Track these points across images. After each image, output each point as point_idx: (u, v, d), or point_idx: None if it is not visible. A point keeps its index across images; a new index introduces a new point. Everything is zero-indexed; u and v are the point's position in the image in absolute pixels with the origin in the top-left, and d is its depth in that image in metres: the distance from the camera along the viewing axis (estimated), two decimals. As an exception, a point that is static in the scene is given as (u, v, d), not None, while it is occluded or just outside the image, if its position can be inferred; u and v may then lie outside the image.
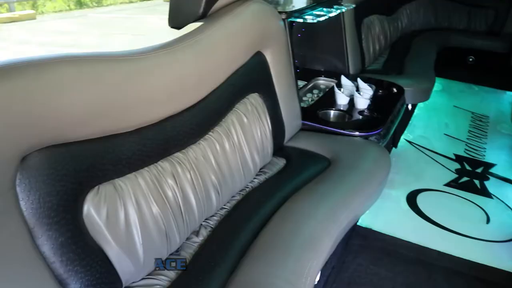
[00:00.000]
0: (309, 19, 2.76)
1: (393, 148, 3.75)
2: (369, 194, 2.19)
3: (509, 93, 4.49)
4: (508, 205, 3.09)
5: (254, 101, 2.24)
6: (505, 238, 2.80)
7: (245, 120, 2.13)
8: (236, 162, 2.04)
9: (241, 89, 2.16)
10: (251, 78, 2.23)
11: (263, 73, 2.35)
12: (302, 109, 2.80)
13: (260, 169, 2.29)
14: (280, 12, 2.54)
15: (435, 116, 4.48)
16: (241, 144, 2.09)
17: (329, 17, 2.98)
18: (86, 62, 1.36)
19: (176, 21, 2.07)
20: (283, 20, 2.56)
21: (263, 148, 2.25)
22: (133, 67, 1.52)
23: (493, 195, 3.22)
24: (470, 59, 5.79)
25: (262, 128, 2.26)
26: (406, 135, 4.02)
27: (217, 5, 2.10)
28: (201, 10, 2.02)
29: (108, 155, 1.46)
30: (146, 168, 1.61)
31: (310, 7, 2.91)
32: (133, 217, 1.51)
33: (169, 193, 1.67)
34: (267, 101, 2.33)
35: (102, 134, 1.45)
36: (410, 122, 4.28)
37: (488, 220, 2.96)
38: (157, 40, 1.76)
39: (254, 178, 2.21)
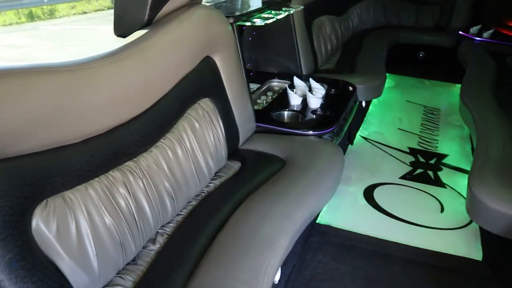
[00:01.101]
0: (257, 22, 2.80)
1: (349, 145, 3.82)
2: (324, 192, 2.23)
3: (458, 85, 4.62)
4: (461, 193, 3.19)
5: (205, 106, 2.24)
6: (458, 225, 2.89)
7: (197, 125, 2.14)
8: (190, 167, 2.04)
9: (191, 94, 2.16)
10: (201, 83, 2.24)
11: (213, 78, 2.36)
12: (256, 111, 2.83)
13: (216, 173, 2.29)
14: (227, 16, 2.56)
15: (389, 112, 4.58)
16: (194, 150, 2.09)
17: (278, 19, 3.03)
18: (24, 74, 1.34)
19: (121, 30, 2.06)
20: (231, 24, 2.57)
21: (217, 153, 2.26)
22: (76, 77, 1.51)
23: (446, 185, 3.33)
24: (420, 55, 5.97)
25: (215, 133, 2.27)
26: (361, 132, 4.10)
27: (162, 12, 2.10)
28: (146, 17, 2.02)
29: (55, 168, 1.44)
30: (96, 179, 1.60)
31: (258, 10, 2.94)
32: (85, 229, 1.49)
33: (122, 203, 1.66)
34: (219, 105, 2.34)
35: (47, 147, 1.43)
36: (365, 118, 4.36)
37: (442, 209, 3.05)
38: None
39: (210, 183, 2.22)
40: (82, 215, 1.49)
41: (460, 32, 5.72)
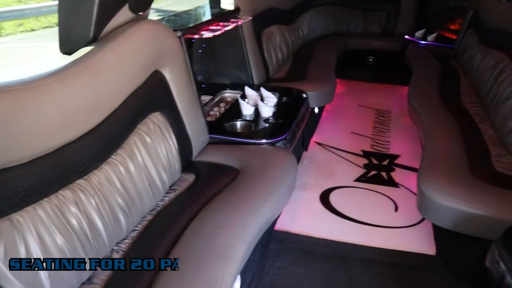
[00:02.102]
0: (205, 34, 2.82)
1: (304, 152, 3.88)
2: (278, 198, 2.27)
3: (406, 87, 4.76)
4: (413, 191, 3.29)
5: (156, 120, 2.24)
6: (412, 223, 2.99)
7: (148, 140, 2.13)
8: (143, 182, 2.03)
9: (142, 109, 2.16)
10: (151, 97, 2.24)
11: (163, 92, 2.36)
12: (209, 123, 2.85)
13: (170, 186, 2.29)
14: (175, 30, 2.57)
15: (342, 117, 4.68)
16: (147, 164, 2.09)
17: (226, 31, 3.06)
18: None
19: (67, 47, 2.04)
20: (179, 37, 2.59)
21: (170, 166, 2.26)
22: (22, 96, 1.49)
23: (399, 184, 3.43)
24: (370, 60, 6.14)
25: (168, 146, 2.27)
26: (315, 138, 4.17)
27: (108, 28, 2.09)
28: (92, 33, 2.01)
29: (0, 190, 1.41)
30: (46, 199, 1.58)
31: (206, 22, 2.97)
32: (35, 251, 1.47)
33: (74, 222, 1.64)
34: (170, 119, 2.35)
35: (-9, 170, 1.40)
36: (319, 124, 4.44)
37: (396, 208, 3.14)
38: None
39: (165, 196, 2.22)
40: (31, 237, 1.47)
41: (406, 37, 5.93)
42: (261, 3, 4.05)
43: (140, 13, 2.27)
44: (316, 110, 4.09)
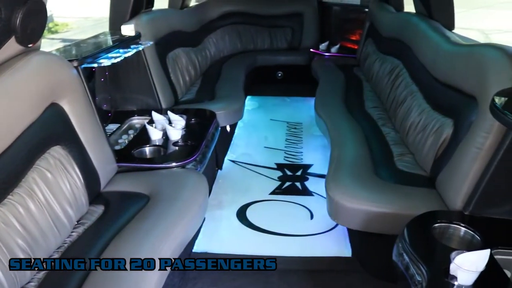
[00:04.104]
0: (104, 62, 2.78)
1: (218, 170, 3.90)
2: (189, 221, 2.26)
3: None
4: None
5: (56, 154, 2.16)
6: (327, 229, 3.10)
7: (49, 175, 2.05)
8: (46, 220, 1.95)
9: (39, 144, 2.07)
10: (49, 131, 2.16)
11: (62, 124, 2.28)
12: (118, 151, 2.80)
13: (78, 221, 2.21)
14: (70, 60, 2.51)
15: (255, 132, 4.77)
16: (49, 201, 2.01)
17: (127, 57, 3.03)
18: None
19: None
20: (76, 67, 2.53)
21: (76, 200, 2.19)
22: None
23: (313, 192, 3.54)
24: (279, 75, 6.30)
25: (71, 180, 2.19)
26: (229, 156, 4.20)
27: (-6, 63, 2.01)
28: (-25, 71, 1.91)
29: None
30: None
31: (104, 50, 2.92)
32: None
33: (-32, 270, 1.54)
34: (72, 151, 2.27)
35: None
36: (232, 142, 4.49)
37: (312, 216, 3.24)
38: None
39: (72, 232, 2.14)
40: None
41: (311, 50, 6.15)
42: (163, 27, 4.05)
43: (30, 45, 2.19)
44: (228, 128, 4.13)
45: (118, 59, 2.87)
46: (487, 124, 2.08)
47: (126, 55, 2.99)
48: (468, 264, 1.66)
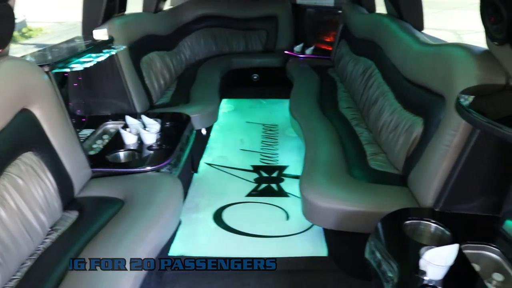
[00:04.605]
0: (76, 67, 2.76)
1: (194, 174, 3.90)
2: (164, 224, 2.26)
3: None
4: (302, 198, 3.43)
5: (28, 160, 2.14)
6: (303, 229, 3.12)
7: (20, 182, 2.03)
8: (17, 228, 1.93)
9: (9, 151, 2.05)
10: (20, 137, 2.13)
11: (33, 130, 2.26)
12: (92, 156, 2.79)
13: (52, 227, 2.20)
14: (41, 65, 2.49)
15: (231, 135, 4.77)
16: (21, 208, 1.99)
17: (99, 62, 3.02)
18: None
19: None
20: (47, 72, 2.51)
21: (49, 206, 2.17)
22: None
23: (289, 194, 3.56)
24: (255, 77, 6.32)
25: (44, 186, 2.18)
26: (205, 159, 4.20)
27: (-38, 70, 1.98)
28: None
29: None
30: None
31: (76, 55, 2.90)
32: None
33: None
34: (44, 157, 2.25)
35: None
36: (208, 145, 4.49)
37: (288, 217, 3.26)
38: None
39: (46, 238, 2.12)
40: None
41: (286, 52, 6.18)
42: (136, 31, 4.04)
43: (-1, 51, 2.17)
44: (204, 131, 4.13)
45: (90, 64, 2.86)
46: (455, 122, 2.13)
47: (99, 59, 2.98)
48: (437, 259, 1.70)
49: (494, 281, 1.78)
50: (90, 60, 2.89)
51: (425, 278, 1.71)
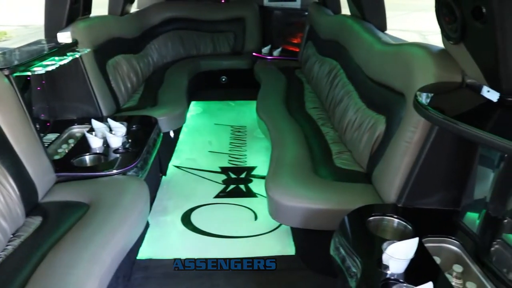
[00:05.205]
0: (38, 70, 2.72)
1: (163, 177, 3.88)
2: (130, 227, 2.24)
3: (258, 102, 5.03)
4: (270, 199, 3.45)
5: (-12, 166, 2.11)
6: (271, 229, 3.15)
7: (-20, 188, 2.00)
8: (-22, 234, 1.90)
9: (-32, 156, 2.02)
10: (-20, 143, 2.10)
11: (-6, 136, 2.23)
12: (56, 161, 2.75)
13: (14, 234, 2.16)
14: (1, 69, 2.45)
15: (199, 137, 4.77)
16: (-19, 214, 1.96)
17: (65, 65, 2.98)
18: None
19: None
20: (7, 76, 2.47)
21: (10, 212, 2.13)
22: None
23: (257, 194, 3.59)
24: (223, 79, 6.34)
25: (5, 192, 2.14)
26: (173, 161, 4.19)
27: None
28: None
29: None
30: None
31: (38, 58, 2.86)
32: None
33: None
34: (5, 162, 2.22)
35: None
36: (176, 148, 4.48)
37: (256, 217, 3.28)
38: None
39: (7, 245, 2.08)
40: None
41: (254, 54, 6.22)
42: (102, 34, 3.99)
43: (-44, 56, 2.13)
44: (172, 134, 4.12)
45: (53, 67, 2.82)
46: (415, 119, 2.18)
47: (62, 62, 2.94)
48: (398, 253, 1.74)
49: (454, 272, 1.83)
50: (53, 63, 2.86)
51: (388, 272, 1.75)
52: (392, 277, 1.73)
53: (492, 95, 1.94)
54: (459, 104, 2.03)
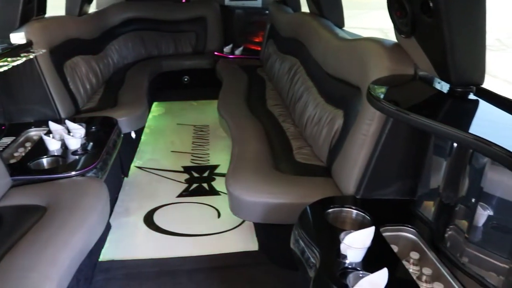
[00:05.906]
0: (-12, 72, 2.65)
1: (124, 178, 3.84)
2: (89, 229, 2.21)
3: (220, 101, 5.03)
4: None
5: None
6: (235, 225, 3.17)
7: None
8: None
9: None
10: None
11: None
12: (11, 165, 2.69)
13: (-33, 240, 2.10)
14: None
15: (162, 138, 4.74)
16: None
17: (19, 67, 2.92)
18: None
19: None
20: (-45, 79, 2.40)
21: (-38, 218, 2.08)
22: None
23: (220, 192, 3.60)
24: (185, 79, 6.32)
25: (-44, 198, 2.08)
26: (135, 162, 4.15)
27: None
28: None
29: None
30: None
31: (-11, 59, 2.79)
32: None
33: None
34: (-45, 168, 2.16)
35: None
36: (138, 149, 4.44)
37: (219, 215, 3.30)
38: None
39: (-40, 253, 2.02)
40: None
41: (216, 53, 6.22)
42: (58, 35, 3.91)
43: None
44: (133, 134, 4.08)
45: (5, 68, 2.75)
46: (371, 112, 2.21)
47: (15, 63, 2.87)
48: (355, 242, 1.77)
49: (411, 259, 1.87)
50: (6, 64, 2.78)
51: (346, 261, 1.78)
52: (350, 266, 1.76)
53: (442, 86, 2.00)
54: (412, 95, 2.08)
